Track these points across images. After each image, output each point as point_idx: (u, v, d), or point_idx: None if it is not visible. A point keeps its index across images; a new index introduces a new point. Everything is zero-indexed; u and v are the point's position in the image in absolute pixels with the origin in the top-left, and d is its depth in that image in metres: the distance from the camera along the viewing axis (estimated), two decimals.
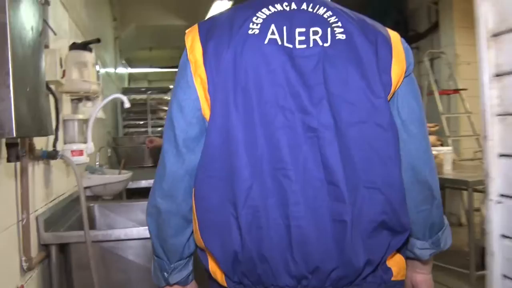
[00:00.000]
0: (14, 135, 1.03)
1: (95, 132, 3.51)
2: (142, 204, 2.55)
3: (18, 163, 1.51)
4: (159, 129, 6.21)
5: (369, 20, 1.04)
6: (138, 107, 6.04)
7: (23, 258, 1.51)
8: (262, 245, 0.92)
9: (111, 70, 5.69)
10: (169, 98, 6.06)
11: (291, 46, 0.95)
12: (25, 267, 1.51)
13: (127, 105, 2.07)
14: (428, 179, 1.04)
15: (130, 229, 1.77)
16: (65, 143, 2.27)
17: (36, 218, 1.71)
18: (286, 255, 0.92)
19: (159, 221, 1.02)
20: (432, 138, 3.98)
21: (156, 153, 4.71)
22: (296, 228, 0.91)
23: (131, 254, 1.80)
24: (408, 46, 1.04)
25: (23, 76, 1.12)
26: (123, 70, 8.95)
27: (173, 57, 11.43)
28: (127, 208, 2.52)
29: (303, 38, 0.96)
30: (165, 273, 1.06)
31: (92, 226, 2.44)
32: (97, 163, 3.16)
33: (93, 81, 2.19)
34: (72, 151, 1.87)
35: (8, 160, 1.18)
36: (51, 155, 1.72)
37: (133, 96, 6.26)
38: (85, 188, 2.77)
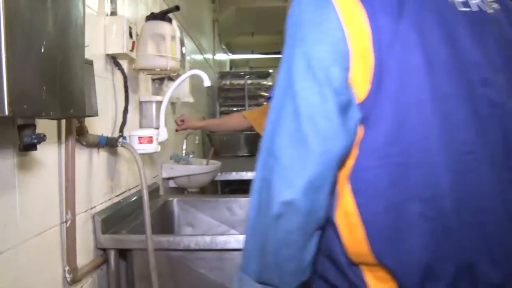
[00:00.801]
0: (6, 113, 0.70)
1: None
2: (229, 200, 2.21)
3: (64, 150, 1.21)
4: None
5: None
6: (235, 92, 5.77)
7: (67, 269, 1.21)
8: (464, 249, 0.73)
9: (208, 55, 5.47)
10: (269, 83, 5.75)
11: (469, 9, 0.81)
12: (69, 279, 1.21)
13: (206, 83, 1.72)
14: None
15: (202, 237, 1.41)
16: (141, 127, 2.00)
17: (93, 217, 1.42)
18: (491, 258, 0.74)
19: (290, 225, 0.73)
20: None
21: (251, 140, 4.39)
22: (493, 225, 0.74)
23: (202, 267, 1.45)
24: None
25: (31, 36, 0.78)
26: (224, 56, 8.81)
27: (276, 43, 11.16)
28: (211, 205, 2.19)
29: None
30: None
31: (169, 223, 2.15)
32: (184, 151, 2.89)
33: (171, 57, 1.87)
34: (140, 138, 1.56)
35: (20, 149, 0.86)
36: (110, 142, 1.42)
37: (231, 81, 6.01)
38: (168, 179, 2.49)
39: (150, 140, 1.56)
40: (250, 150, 4.46)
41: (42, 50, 0.81)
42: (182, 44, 2.41)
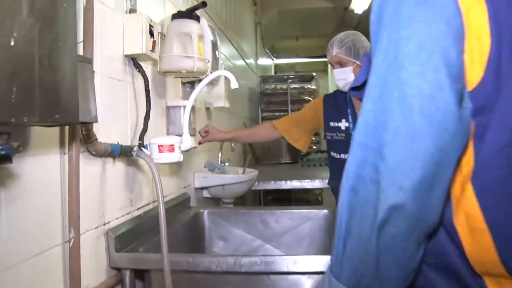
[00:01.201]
0: None
1: (222, 124, 3.11)
2: (264, 213, 2.04)
3: (67, 162, 1.08)
4: None
5: None
6: (278, 97, 5.59)
7: None
8: None
9: (250, 60, 5.34)
10: (313, 87, 5.54)
11: None
12: None
13: (234, 84, 1.56)
14: None
15: (225, 258, 1.24)
16: (168, 134, 1.87)
17: (106, 234, 1.28)
18: None
19: (397, 231, 0.64)
20: None
21: (294, 147, 4.20)
22: None
23: None
24: None
25: None
26: (268, 61, 8.67)
27: (321, 46, 10.93)
28: (245, 218, 2.03)
29: None
30: None
31: (200, 237, 2.00)
32: (219, 158, 2.75)
33: (198, 57, 1.72)
34: (160, 146, 1.42)
35: None
36: (124, 151, 1.28)
37: (273, 85, 5.84)
38: (201, 188, 2.36)
39: (171, 148, 1.42)
40: (293, 157, 4.27)
41: (12, 44, 0.67)
42: (215, 46, 2.27)
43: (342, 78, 2.14)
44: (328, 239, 1.97)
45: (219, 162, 2.72)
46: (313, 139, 5.65)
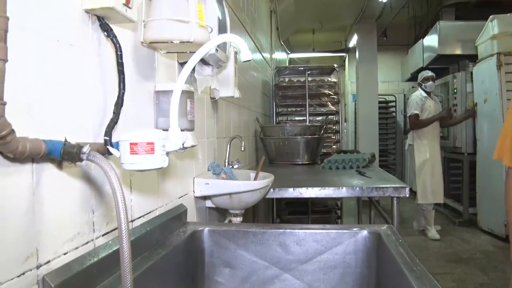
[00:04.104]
0: None
1: (231, 118, 2.63)
2: (282, 232, 1.56)
3: None
4: (319, 118, 5.20)
5: None
6: (295, 90, 5.08)
7: None
8: None
9: (266, 53, 4.85)
10: (334, 80, 5.03)
11: None
12: None
13: (245, 55, 1.07)
14: None
15: None
16: (157, 127, 1.40)
17: (42, 282, 0.81)
18: None
19: None
20: None
21: (312, 146, 3.71)
22: None
23: None
24: None
25: None
26: (282, 55, 8.18)
27: (338, 41, 10.42)
28: (257, 238, 1.55)
29: None
30: None
31: (198, 263, 1.53)
32: (226, 159, 2.27)
33: (197, 23, 1.25)
34: (133, 145, 0.95)
35: None
36: (69, 153, 0.81)
37: (289, 78, 5.33)
38: (204, 198, 1.89)
39: (150, 149, 0.95)
40: (311, 157, 3.77)
41: None
42: (223, 26, 1.78)
43: None
44: (368, 270, 1.48)
45: (226, 164, 2.25)
46: (333, 137, 5.15)
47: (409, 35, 8.62)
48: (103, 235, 1.05)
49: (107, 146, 1.01)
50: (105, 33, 1.06)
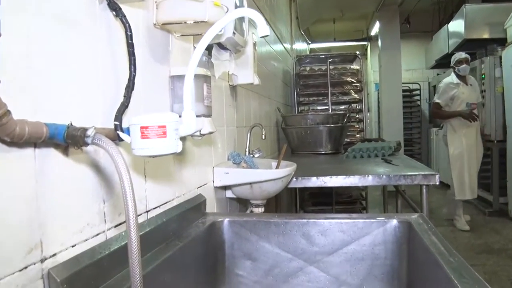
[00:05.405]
0: None
1: (251, 107, 2.56)
2: (306, 222, 1.49)
3: None
4: (342, 106, 5.08)
5: None
6: (316, 79, 4.96)
7: None
8: None
9: (286, 43, 4.75)
10: (356, 67, 4.89)
11: None
12: None
13: (262, 30, 0.99)
14: None
15: None
16: (172, 111, 1.33)
17: (47, 275, 0.76)
18: None
19: None
20: None
21: (335, 135, 3.62)
22: None
23: None
24: None
25: None
26: (303, 46, 8.05)
27: (359, 29, 10.22)
28: (280, 229, 1.48)
29: None
30: None
31: (218, 255, 1.47)
32: (247, 148, 2.20)
33: (212, 2, 1.18)
34: (143, 129, 0.88)
35: None
36: (73, 137, 0.75)
37: (310, 67, 5.22)
38: (224, 188, 1.82)
39: (161, 133, 0.89)
40: (335, 147, 3.68)
41: None
42: None
43: None
44: (398, 261, 1.40)
45: (247, 153, 2.18)
46: (357, 126, 5.03)
47: (433, 21, 8.39)
48: (115, 226, 0.99)
49: (117, 132, 0.95)
50: (114, 13, 1.00)
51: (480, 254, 4.16)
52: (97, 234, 0.92)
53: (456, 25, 6.53)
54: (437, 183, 2.10)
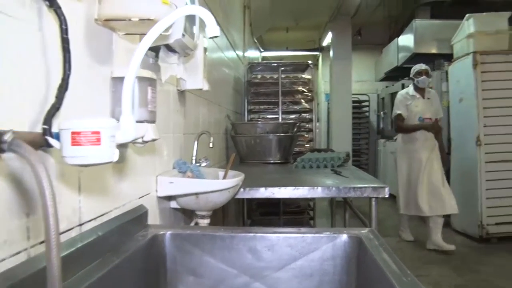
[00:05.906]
0: None
1: (200, 114, 2.48)
2: (252, 237, 1.42)
3: None
4: (292, 116, 5.07)
5: None
6: (267, 87, 4.92)
7: None
8: None
9: (237, 48, 4.70)
10: (308, 77, 4.87)
11: None
12: None
13: (212, 30, 0.91)
14: None
15: None
16: (113, 116, 1.23)
17: None
18: None
19: None
20: None
21: (285, 144, 3.59)
22: None
23: None
24: None
25: None
26: (255, 53, 8.05)
27: (311, 40, 10.35)
28: (225, 243, 1.40)
29: None
30: None
31: (159, 270, 1.37)
32: (193, 156, 2.11)
33: None
34: (75, 134, 0.79)
35: None
36: None
37: (262, 74, 5.18)
38: (168, 198, 1.73)
39: (95, 139, 0.79)
40: (284, 156, 3.64)
41: None
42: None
43: None
44: (347, 277, 1.35)
45: (193, 162, 2.09)
46: (306, 136, 5.03)
47: (384, 35, 8.63)
48: (41, 243, 0.88)
49: (46, 136, 0.84)
50: (47, 2, 0.89)
51: (424, 265, 4.25)
52: (17, 253, 0.81)
53: (406, 39, 6.72)
54: (387, 196, 2.09)
